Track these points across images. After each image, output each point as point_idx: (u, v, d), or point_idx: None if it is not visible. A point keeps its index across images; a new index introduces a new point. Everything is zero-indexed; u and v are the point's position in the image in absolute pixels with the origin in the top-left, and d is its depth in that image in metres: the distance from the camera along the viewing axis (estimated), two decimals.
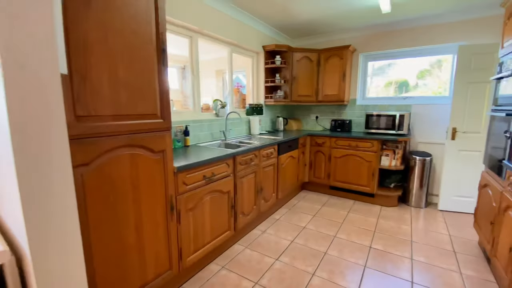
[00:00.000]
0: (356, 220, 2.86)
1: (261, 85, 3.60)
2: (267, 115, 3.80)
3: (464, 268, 2.02)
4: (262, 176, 2.60)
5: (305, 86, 3.75)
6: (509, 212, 1.64)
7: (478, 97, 2.87)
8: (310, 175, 3.71)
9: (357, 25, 3.43)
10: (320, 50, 3.66)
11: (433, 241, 2.42)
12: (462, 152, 3.01)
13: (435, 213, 3.08)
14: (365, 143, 3.24)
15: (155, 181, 1.47)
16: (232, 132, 3.10)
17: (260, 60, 3.55)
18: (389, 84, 3.76)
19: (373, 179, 3.24)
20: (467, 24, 3.00)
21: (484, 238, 2.07)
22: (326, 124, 4.12)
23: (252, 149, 2.33)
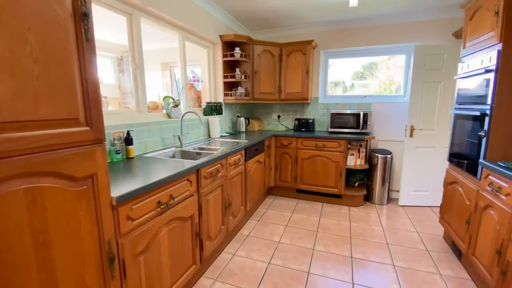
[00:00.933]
0: (329, 226, 2.69)
1: (219, 80, 3.15)
2: (227, 115, 3.38)
3: (441, 268, 2.00)
4: (230, 189, 2.20)
5: (267, 82, 3.45)
6: (490, 211, 1.61)
7: (432, 96, 3.00)
8: (276, 179, 3.45)
9: (321, 19, 3.28)
10: (282, 44, 3.40)
11: (406, 241, 2.39)
12: (418, 149, 3.12)
13: (397, 209, 3.15)
14: (332, 143, 3.11)
15: (79, 227, 0.94)
16: (189, 137, 2.60)
17: (217, 51, 3.10)
18: (334, 83, 3.75)
19: (340, 179, 3.15)
20: (421, 25, 3.11)
21: (455, 235, 2.08)
22: (289, 123, 3.91)
23: (218, 157, 1.91)
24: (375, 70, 3.56)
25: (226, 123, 3.35)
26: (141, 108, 2.10)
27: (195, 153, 2.17)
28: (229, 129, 3.48)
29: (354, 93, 3.68)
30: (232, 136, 3.09)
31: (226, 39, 3.04)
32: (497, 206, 1.52)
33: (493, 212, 1.58)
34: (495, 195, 1.56)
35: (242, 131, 3.50)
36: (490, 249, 1.57)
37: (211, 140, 2.72)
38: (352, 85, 3.71)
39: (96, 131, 1.00)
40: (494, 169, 1.56)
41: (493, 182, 1.59)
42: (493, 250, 1.53)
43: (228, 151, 2.08)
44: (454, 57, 2.90)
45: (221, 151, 2.08)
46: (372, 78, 3.60)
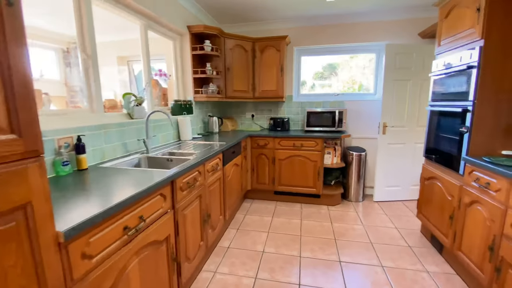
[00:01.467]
0: (312, 228, 2.58)
1: (188, 76, 2.84)
2: (198, 114, 3.07)
3: (427, 264, 2.01)
4: (209, 198, 1.93)
5: (240, 80, 3.22)
6: (477, 207, 1.63)
7: (402, 94, 3.08)
8: (253, 182, 3.25)
9: (295, 14, 3.15)
10: (255, 39, 3.20)
11: (388, 239, 2.39)
12: (391, 145, 3.19)
13: (373, 205, 3.19)
14: (309, 142, 3.02)
15: (5, 286, 0.62)
16: (156, 140, 2.26)
17: (184, 44, 2.78)
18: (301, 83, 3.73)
19: (319, 179, 3.07)
20: (390, 25, 3.17)
21: (435, 229, 2.11)
22: (263, 123, 3.74)
23: (196, 164, 1.63)
24: (337, 70, 3.58)
25: (197, 123, 3.04)
26: (95, 107, 1.72)
27: (165, 160, 1.86)
28: (201, 130, 3.18)
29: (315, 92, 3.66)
30: (205, 137, 2.80)
31: (195, 31, 2.74)
32: (485, 202, 1.53)
33: (480, 208, 1.59)
34: (483, 191, 1.57)
35: (215, 131, 3.22)
36: (479, 245, 1.58)
37: (182, 143, 2.41)
38: (313, 85, 3.70)
39: (29, 139, 0.68)
40: (480, 165, 1.57)
41: (479, 178, 1.60)
42: (483, 246, 1.54)
43: (205, 156, 1.81)
44: (422, 56, 3.01)
45: (197, 156, 1.81)
46: (334, 78, 3.62)
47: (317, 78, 3.64)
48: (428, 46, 3.00)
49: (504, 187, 1.40)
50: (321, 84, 3.67)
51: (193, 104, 2.91)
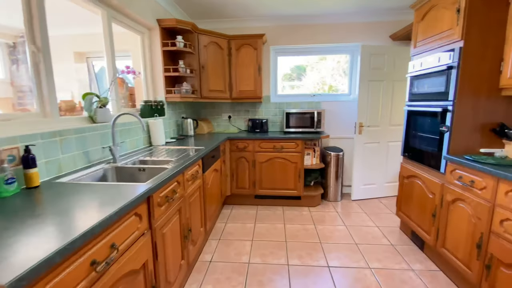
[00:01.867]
0: (297, 232, 2.50)
1: (158, 74, 2.58)
2: (171, 116, 2.82)
3: (411, 262, 2.03)
4: (189, 211, 1.73)
5: (216, 79, 3.04)
6: (460, 204, 1.66)
7: (376, 94, 3.16)
8: (233, 187, 3.08)
9: (271, 12, 3.05)
10: (230, 37, 3.04)
11: (371, 238, 2.40)
12: (366, 145, 3.26)
13: (351, 204, 3.22)
14: (290, 143, 2.94)
15: None
16: (125, 147, 1.98)
17: (154, 39, 2.52)
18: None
19: (299, 181, 3.02)
20: (364, 27, 3.23)
21: (417, 227, 2.16)
22: (241, 124, 3.59)
23: (175, 173, 1.43)
24: (305, 72, 3.58)
25: (170, 126, 2.79)
26: (48, 110, 1.42)
27: (136, 170, 1.62)
28: (174, 133, 2.92)
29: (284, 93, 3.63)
30: (179, 141, 2.57)
31: (165, 25, 2.49)
32: (470, 199, 1.57)
33: (464, 205, 1.62)
34: (466, 189, 1.61)
35: (190, 135, 2.99)
36: (465, 242, 1.61)
37: (154, 149, 2.16)
38: (283, 86, 3.67)
39: None
40: (463, 164, 1.60)
41: (462, 176, 1.64)
42: (469, 243, 1.57)
43: (185, 163, 1.61)
44: (393, 57, 3.11)
45: (175, 164, 1.60)
46: (304, 80, 3.62)
47: (286, 79, 3.61)
48: (398, 48, 3.12)
49: (490, 185, 1.43)
50: (291, 85, 3.64)
51: (165, 105, 2.66)
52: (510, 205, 1.32)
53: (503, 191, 1.35)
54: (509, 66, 1.59)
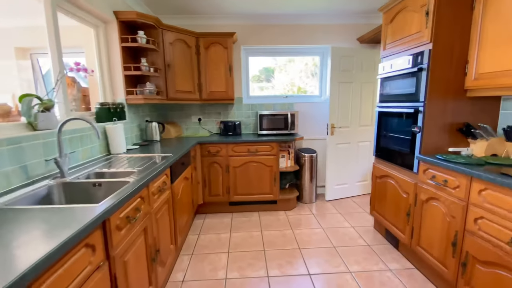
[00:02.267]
0: (274, 239, 2.40)
1: (117, 73, 2.29)
2: (133, 120, 2.53)
3: (388, 262, 2.05)
4: (156, 229, 1.52)
5: (184, 79, 2.82)
6: (434, 203, 1.70)
7: (346, 95, 3.20)
8: (205, 195, 2.88)
9: (241, 10, 2.92)
10: (199, 34, 2.85)
11: (348, 240, 2.39)
12: (338, 145, 3.29)
13: (326, 205, 3.22)
14: (265, 146, 2.84)
15: None
16: (75, 157, 1.69)
17: (111, 33, 2.23)
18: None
19: (275, 184, 2.93)
20: (333, 29, 3.26)
21: (391, 226, 2.19)
22: (212, 127, 3.40)
23: (138, 188, 1.22)
24: (273, 73, 3.54)
25: (132, 131, 2.50)
26: None
27: (90, 185, 1.37)
28: (137, 138, 2.63)
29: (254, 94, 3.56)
30: (143, 148, 2.31)
31: (124, 18, 2.22)
32: (444, 198, 1.60)
33: (438, 204, 1.66)
34: (440, 188, 1.64)
35: (155, 140, 2.72)
36: (440, 240, 1.64)
37: (113, 158, 1.89)
38: (252, 88, 3.60)
39: None
40: (436, 163, 1.63)
41: (436, 175, 1.67)
42: (445, 241, 1.60)
43: (150, 175, 1.40)
44: (361, 59, 3.18)
45: (138, 176, 1.38)
46: (273, 81, 3.57)
47: (255, 81, 3.52)
48: (366, 50, 3.20)
49: (463, 184, 1.46)
50: (260, 86, 3.56)
51: (126, 107, 2.37)
52: (483, 204, 1.35)
53: (476, 190, 1.38)
54: (473, 68, 1.66)
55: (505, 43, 1.46)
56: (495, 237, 1.28)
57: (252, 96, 3.49)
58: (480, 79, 1.63)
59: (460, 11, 1.66)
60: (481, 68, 1.62)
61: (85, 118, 1.41)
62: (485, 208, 1.34)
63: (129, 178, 1.37)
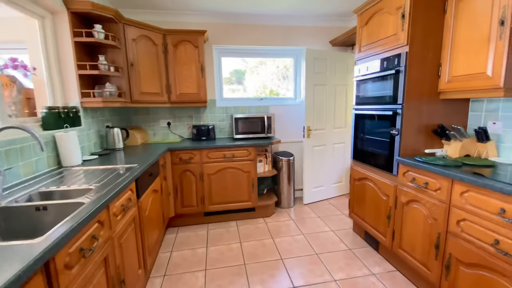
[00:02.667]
0: (255, 250, 2.26)
1: (69, 72, 1.98)
2: (90, 126, 2.22)
3: (370, 266, 2.02)
4: (120, 255, 1.28)
5: (150, 79, 2.56)
6: (415, 205, 1.70)
7: (320, 98, 3.19)
8: (177, 207, 2.64)
9: (212, 8, 2.75)
10: (166, 31, 2.62)
11: (330, 245, 2.34)
12: (315, 148, 3.26)
13: (304, 209, 3.17)
14: (242, 151, 2.69)
15: None
16: (16, 173, 1.38)
17: (61, 26, 1.92)
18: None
19: (253, 191, 2.80)
20: (306, 31, 3.24)
21: (371, 229, 2.18)
22: (183, 131, 3.16)
23: (94, 212, 1.00)
24: (244, 76, 3.43)
25: (89, 139, 2.19)
26: None
27: (32, 209, 1.10)
28: (96, 147, 2.32)
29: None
30: (103, 158, 2.02)
31: (77, 9, 1.92)
32: (425, 201, 1.59)
33: (419, 207, 1.65)
34: (421, 190, 1.63)
35: (118, 148, 2.43)
36: (422, 242, 1.64)
37: (66, 173, 1.60)
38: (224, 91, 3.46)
39: None
40: (416, 166, 1.63)
41: (416, 177, 1.67)
42: (427, 244, 1.60)
43: (110, 193, 1.17)
44: (334, 62, 3.20)
45: (95, 195, 1.15)
46: (245, 83, 3.47)
47: (226, 83, 3.38)
48: (339, 53, 3.23)
49: (444, 186, 1.46)
50: (232, 89, 3.41)
51: (81, 111, 2.06)
52: (465, 206, 1.35)
53: (458, 192, 1.38)
54: (447, 71, 1.70)
55: (477, 47, 1.50)
56: (478, 238, 1.28)
57: (226, 98, 3.33)
58: (453, 81, 1.67)
59: (433, 14, 1.68)
60: (454, 71, 1.66)
61: (21, 126, 1.14)
62: (467, 210, 1.35)
63: (83, 198, 1.13)
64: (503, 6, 1.35)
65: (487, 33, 1.45)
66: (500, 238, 1.18)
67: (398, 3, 1.73)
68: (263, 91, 3.51)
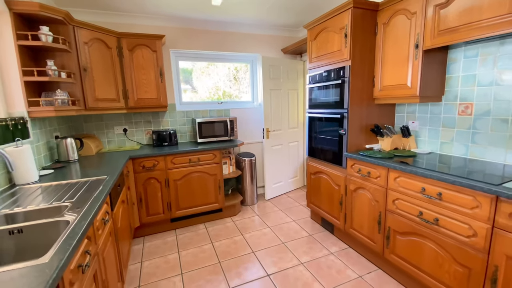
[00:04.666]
0: (227, 248, 2.39)
1: (12, 78, 1.76)
2: (39, 138, 2.00)
3: (329, 246, 2.36)
4: (104, 269, 1.27)
5: (105, 85, 2.43)
6: (361, 191, 2.07)
7: (277, 101, 3.47)
8: (142, 216, 2.57)
9: (168, 11, 2.73)
10: (121, 34, 2.51)
11: (293, 233, 2.61)
12: (273, 147, 3.54)
13: (267, 204, 3.42)
14: (207, 155, 2.77)
15: None
16: None
17: (2, 28, 1.70)
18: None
19: (220, 192, 2.90)
20: (262, 38, 3.46)
21: (327, 215, 2.53)
22: (141, 138, 3.05)
23: (87, 226, 1.00)
24: (191, 76, 3.49)
25: (38, 151, 1.98)
26: None
27: (5, 233, 1.03)
28: (46, 160, 2.10)
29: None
30: (60, 172, 1.87)
31: (21, 10, 1.73)
32: (369, 187, 1.97)
33: (364, 192, 2.03)
34: (365, 179, 2.01)
35: (72, 159, 2.24)
36: (368, 221, 2.02)
37: (22, 192, 1.46)
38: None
39: None
40: (361, 159, 1.99)
41: (361, 169, 2.03)
42: (372, 222, 1.98)
43: (94, 207, 1.16)
44: (286, 69, 3.51)
45: (76, 210, 1.12)
46: (195, 83, 3.52)
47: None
48: (290, 60, 3.55)
49: (382, 174, 1.84)
50: (183, 88, 3.41)
51: (29, 122, 1.86)
52: (398, 188, 1.74)
53: (392, 178, 1.77)
54: (379, 81, 2.11)
55: (400, 63, 1.92)
56: (408, 212, 1.68)
57: (185, 102, 3.33)
58: (384, 90, 2.09)
59: (367, 35, 2.07)
60: (384, 82, 2.07)
61: None
62: (399, 191, 1.74)
63: (65, 216, 1.10)
64: (417, 33, 1.77)
65: (406, 53, 1.88)
66: (423, 210, 1.58)
67: (341, 24, 2.07)
68: (216, 92, 3.59)
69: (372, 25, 2.08)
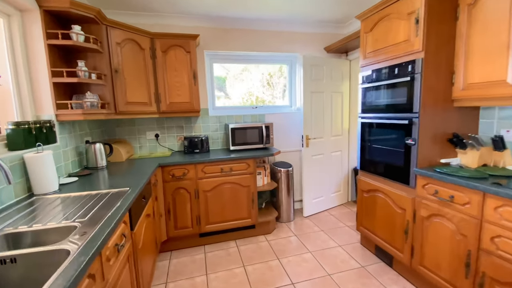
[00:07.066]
0: (261, 275, 2.04)
1: (41, 80, 1.67)
2: (67, 143, 1.90)
3: (387, 285, 1.89)
4: None
5: (137, 88, 2.30)
6: (437, 220, 1.59)
7: (318, 106, 3.09)
8: (170, 229, 2.36)
9: (204, 10, 2.56)
10: (154, 35, 2.38)
11: (340, 263, 2.18)
12: (313, 157, 3.14)
13: (306, 222, 3.01)
14: (240, 164, 2.49)
15: None
16: None
17: (31, 26, 1.62)
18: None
19: (253, 206, 2.59)
20: (301, 37, 3.14)
21: (385, 244, 2.06)
22: (173, 144, 2.89)
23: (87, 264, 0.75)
24: (225, 82, 3.24)
25: (65, 157, 1.87)
26: None
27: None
28: (75, 166, 2.00)
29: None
30: (85, 180, 1.72)
31: (52, 6, 1.64)
32: (451, 215, 1.49)
33: (443, 221, 1.55)
34: (446, 204, 1.53)
35: (101, 166, 2.12)
36: (449, 260, 1.53)
37: (39, 203, 1.30)
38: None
39: None
40: (439, 178, 1.53)
41: (439, 190, 1.56)
42: (455, 262, 1.49)
43: (103, 233, 0.92)
44: (330, 68, 3.12)
45: (82, 235, 0.89)
46: (227, 91, 3.27)
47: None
48: (334, 60, 3.15)
49: (474, 200, 1.36)
50: (216, 95, 3.20)
51: (56, 126, 1.76)
52: (500, 221, 1.25)
53: (492, 206, 1.29)
54: (461, 78, 1.64)
55: (495, 54, 1.45)
56: None
57: (218, 107, 3.12)
58: (468, 89, 1.61)
59: (445, 20, 1.62)
60: (469, 79, 1.60)
61: None
62: (502, 226, 1.25)
63: (67, 242, 0.87)
64: None
65: (505, 40, 1.40)
66: None
67: (411, 7, 1.66)
68: (249, 98, 3.33)
69: (451, 8, 1.64)
